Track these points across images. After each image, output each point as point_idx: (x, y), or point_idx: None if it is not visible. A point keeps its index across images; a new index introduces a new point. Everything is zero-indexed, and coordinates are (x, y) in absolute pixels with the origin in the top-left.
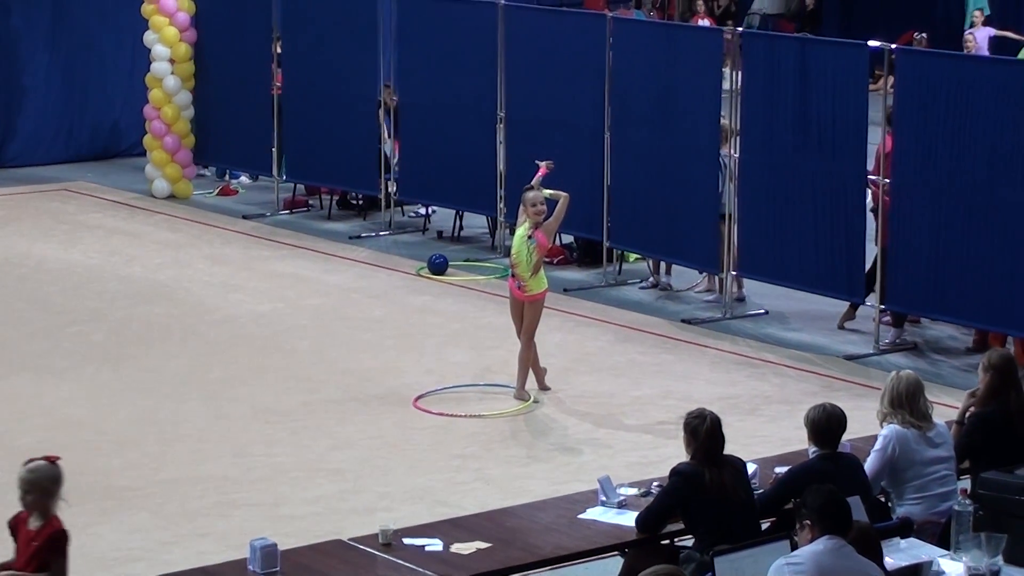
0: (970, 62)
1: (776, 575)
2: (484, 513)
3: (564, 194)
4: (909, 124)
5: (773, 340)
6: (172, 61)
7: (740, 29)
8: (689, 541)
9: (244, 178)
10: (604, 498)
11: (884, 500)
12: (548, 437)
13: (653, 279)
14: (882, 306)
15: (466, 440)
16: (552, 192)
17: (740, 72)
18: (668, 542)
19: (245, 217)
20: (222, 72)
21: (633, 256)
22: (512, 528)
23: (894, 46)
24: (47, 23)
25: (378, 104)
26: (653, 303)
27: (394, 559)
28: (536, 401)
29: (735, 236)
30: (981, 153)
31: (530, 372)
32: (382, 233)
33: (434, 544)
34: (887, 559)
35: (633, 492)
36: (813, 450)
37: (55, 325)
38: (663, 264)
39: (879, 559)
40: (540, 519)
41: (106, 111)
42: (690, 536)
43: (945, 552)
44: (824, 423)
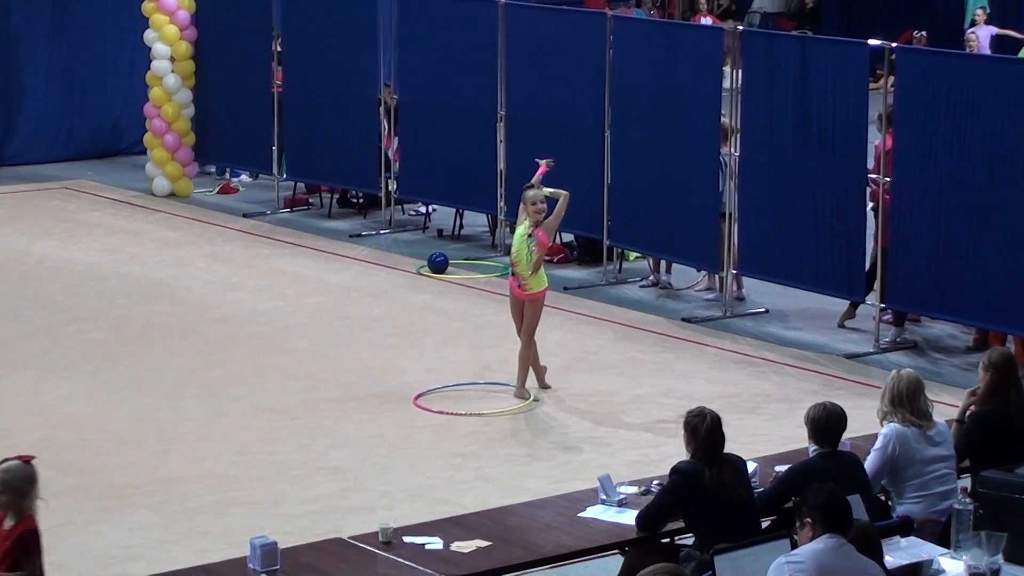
0: (970, 61)
1: (776, 574)
2: (484, 511)
3: (564, 192)
4: (909, 123)
5: (773, 339)
6: (172, 59)
7: (740, 27)
8: (689, 540)
9: (245, 176)
10: (604, 496)
11: (884, 499)
12: (548, 435)
13: (653, 277)
14: (882, 305)
15: (466, 438)
16: (552, 190)
17: (740, 71)
18: (668, 541)
19: (245, 215)
20: (222, 70)
21: (633, 255)
22: (512, 526)
23: (894, 45)
24: (47, 22)
25: (378, 103)
26: (653, 302)
27: (394, 557)
28: (536, 399)
29: (735, 235)
30: (981, 152)
31: (530, 370)
32: (382, 231)
33: (434, 542)
34: (887, 558)
35: (633, 490)
36: (813, 448)
37: (55, 323)
38: (663, 263)
39: (879, 558)
40: (540, 517)
41: (106, 109)
42: (690, 535)
43: (945, 551)
44: (824, 421)
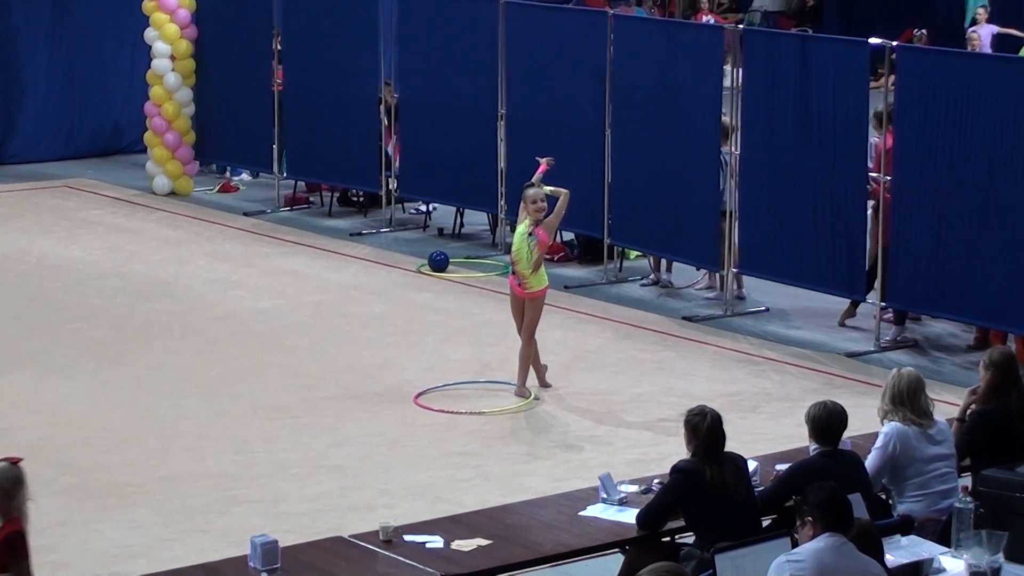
0: (971, 60)
1: (777, 572)
2: (485, 510)
3: (565, 191)
4: (910, 122)
5: (774, 337)
6: (173, 58)
7: (741, 26)
8: (690, 538)
9: (245, 175)
10: (605, 495)
11: (885, 497)
12: (549, 434)
13: (654, 276)
14: (883, 303)
15: (467, 437)
16: (553, 189)
17: (741, 69)
18: (669, 539)
19: (246, 214)
20: (223, 69)
21: (634, 253)
22: (513, 525)
23: (895, 43)
24: (48, 21)
25: (379, 101)
26: (654, 300)
27: (395, 556)
28: (537, 398)
29: (736, 233)
30: (982, 151)
31: (531, 369)
32: (383, 230)
33: (435, 541)
34: (888, 556)
35: (634, 489)
36: (814, 447)
37: (56, 322)
38: (664, 261)
39: (880, 556)
40: (541, 516)
41: (107, 108)
42: (691, 533)
43: (946, 549)
44: (825, 420)
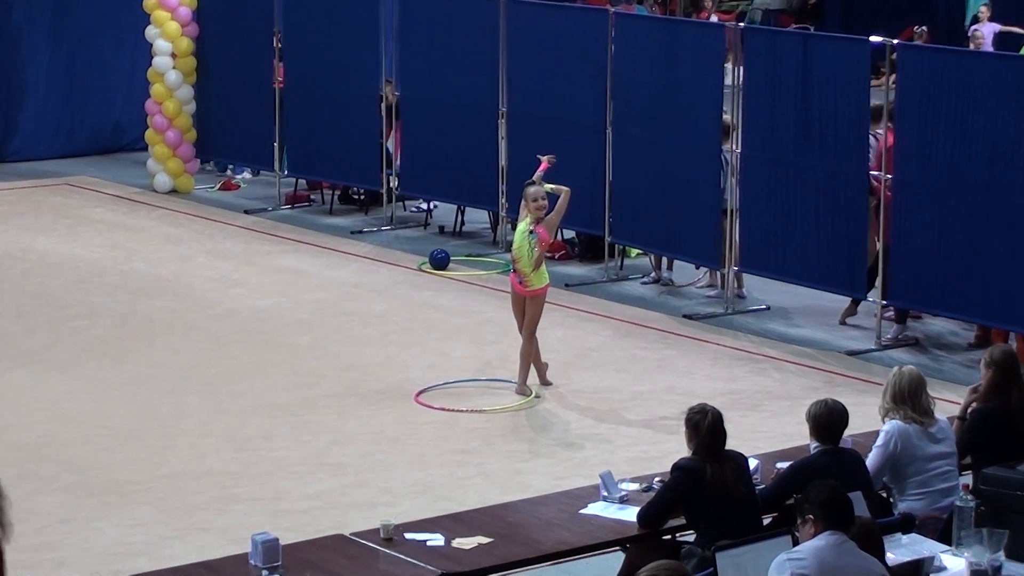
0: (972, 58)
1: (777, 570)
2: (485, 508)
3: (566, 189)
4: (911, 120)
5: (775, 335)
6: (174, 56)
7: (742, 24)
8: (690, 536)
9: (246, 173)
10: (605, 493)
11: (886, 496)
12: (549, 432)
13: (655, 274)
14: (884, 302)
15: (467, 435)
16: (554, 187)
17: (742, 67)
18: (669, 537)
19: (247, 212)
20: (224, 67)
21: (635, 251)
22: (514, 523)
23: (896, 41)
24: (48, 19)
25: (380, 99)
26: (655, 299)
27: (395, 554)
28: (537, 396)
29: (737, 231)
30: (983, 149)
31: (531, 367)
32: (384, 228)
33: (436, 539)
34: (889, 554)
35: (635, 487)
36: (815, 445)
37: (57, 319)
38: (665, 259)
39: (881, 555)
40: (541, 514)
41: (108, 106)
42: (691, 531)
43: (947, 548)
44: (826, 419)
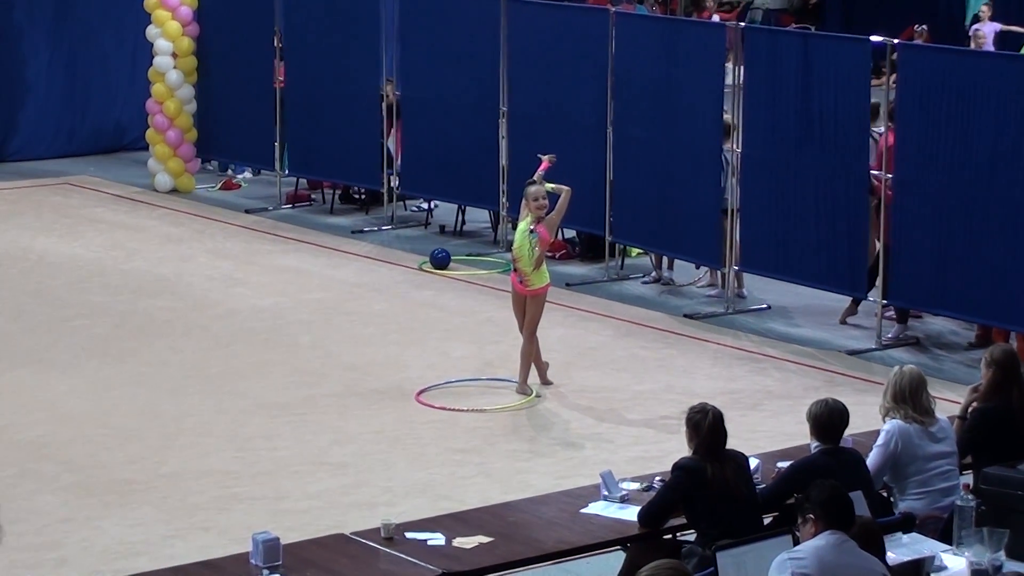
0: (972, 57)
1: (778, 570)
2: (486, 507)
3: (566, 188)
4: (912, 119)
5: (775, 335)
6: (175, 55)
7: (742, 24)
8: (691, 536)
9: (247, 172)
10: (606, 493)
11: (886, 495)
12: (550, 431)
13: (655, 274)
14: (884, 301)
15: (468, 434)
16: (554, 186)
17: (742, 67)
18: (670, 537)
19: (247, 211)
20: (224, 67)
21: (635, 251)
22: (514, 522)
23: (896, 41)
24: (49, 18)
25: (381, 99)
26: (655, 298)
27: (396, 553)
28: (538, 396)
29: (737, 231)
30: (983, 148)
31: (532, 366)
32: (384, 227)
33: (436, 538)
34: (889, 554)
35: (635, 487)
36: (815, 445)
37: (57, 319)
38: (665, 259)
39: (881, 554)
40: (542, 513)
41: (108, 105)
42: (692, 531)
43: (947, 547)
44: (826, 418)
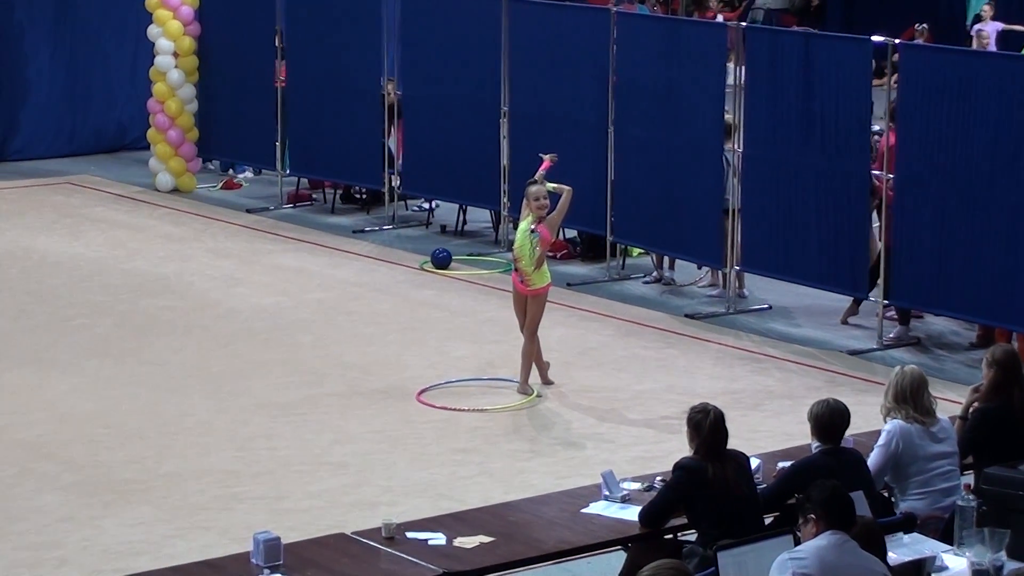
0: (974, 57)
1: (779, 570)
2: (487, 507)
3: (567, 188)
4: (913, 119)
5: (776, 335)
6: (176, 55)
7: (744, 24)
8: (692, 536)
9: (248, 172)
10: (607, 492)
11: (887, 495)
12: (551, 431)
13: (656, 274)
14: (885, 301)
15: (469, 434)
16: (555, 186)
17: (743, 67)
18: (671, 537)
19: (249, 211)
20: (226, 66)
21: (636, 251)
22: (515, 522)
23: (898, 41)
24: (50, 17)
25: (382, 98)
26: (657, 298)
27: (397, 553)
28: (539, 395)
29: (738, 231)
30: (985, 148)
31: (533, 366)
32: (385, 227)
33: (437, 538)
34: (890, 554)
35: (636, 487)
36: (816, 445)
37: (58, 318)
38: (667, 259)
39: (882, 554)
40: (543, 513)
41: (110, 105)
42: (693, 531)
43: (948, 547)
44: (827, 418)
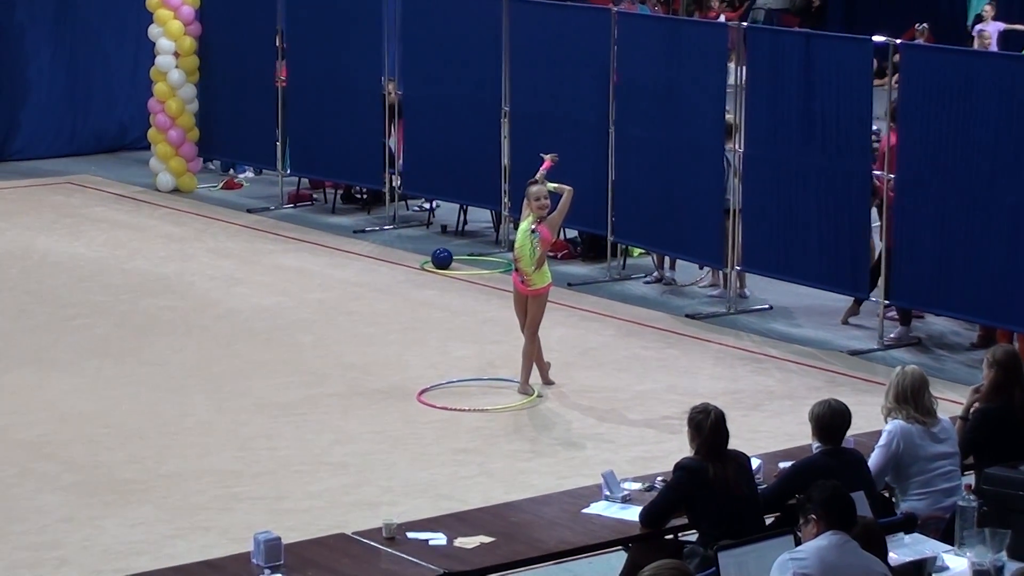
0: (975, 58)
1: (780, 570)
2: (488, 507)
3: (568, 188)
4: (914, 120)
5: (777, 335)
6: (177, 55)
7: (745, 23)
8: (693, 536)
9: (249, 172)
10: (608, 493)
11: (888, 495)
12: (552, 431)
13: (657, 274)
14: (886, 301)
15: (470, 434)
16: (556, 186)
17: (744, 67)
18: (672, 537)
19: (249, 211)
20: (226, 66)
21: (637, 251)
22: (516, 522)
23: (898, 41)
24: (51, 17)
25: (382, 98)
26: (657, 298)
27: (398, 553)
28: (540, 395)
29: (739, 231)
30: (985, 149)
31: (534, 366)
32: (386, 227)
33: (438, 538)
34: (891, 554)
35: (637, 487)
36: (817, 445)
37: (59, 318)
38: (667, 259)
39: (883, 554)
40: (544, 513)
41: (110, 105)
42: (694, 531)
43: (949, 547)
44: (828, 418)
